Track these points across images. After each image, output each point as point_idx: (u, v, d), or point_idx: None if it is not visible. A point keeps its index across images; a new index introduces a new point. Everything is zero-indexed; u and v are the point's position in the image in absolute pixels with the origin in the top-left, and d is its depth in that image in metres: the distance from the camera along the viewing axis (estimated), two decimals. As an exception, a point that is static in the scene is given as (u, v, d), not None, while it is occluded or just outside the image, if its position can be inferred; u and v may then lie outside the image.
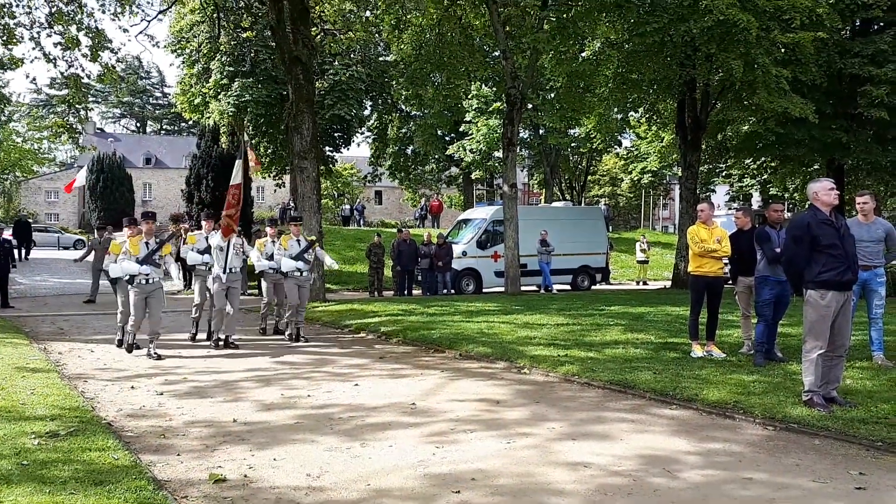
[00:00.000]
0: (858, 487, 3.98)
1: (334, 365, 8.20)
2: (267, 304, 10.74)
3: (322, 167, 24.21)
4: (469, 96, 31.11)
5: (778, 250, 7.06)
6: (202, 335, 9.89)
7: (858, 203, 7.36)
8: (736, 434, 5.15)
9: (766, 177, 27.21)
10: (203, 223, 9.71)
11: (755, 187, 31.33)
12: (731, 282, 8.27)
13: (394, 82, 24.27)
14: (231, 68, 24.36)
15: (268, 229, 10.63)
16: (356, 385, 6.93)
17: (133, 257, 8.33)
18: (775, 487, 4.01)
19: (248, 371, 7.77)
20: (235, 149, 23.32)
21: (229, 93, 24.08)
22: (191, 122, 44.81)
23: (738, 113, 20.45)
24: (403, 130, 34.45)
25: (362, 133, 33.79)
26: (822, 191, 5.68)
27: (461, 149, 34.04)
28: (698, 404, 5.89)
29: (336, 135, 29.30)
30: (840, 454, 4.62)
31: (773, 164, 24.09)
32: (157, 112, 76.92)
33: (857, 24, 19.20)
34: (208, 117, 25.42)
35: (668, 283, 21.73)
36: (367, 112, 31.49)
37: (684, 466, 4.41)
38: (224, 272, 9.18)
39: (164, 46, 26.81)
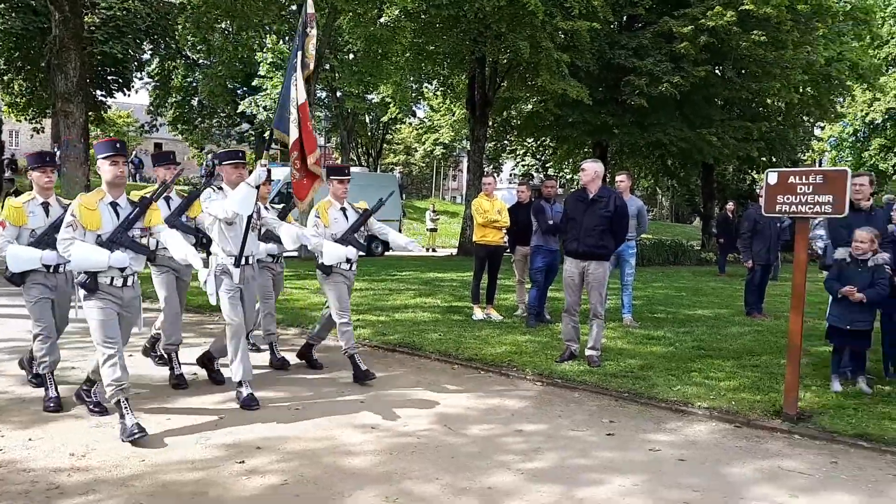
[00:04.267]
0: (609, 434, 4.55)
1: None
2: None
3: (92, 113, 21.68)
4: (264, 49, 29.65)
5: (551, 222, 7.76)
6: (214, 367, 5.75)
7: (616, 182, 8.30)
8: (511, 390, 5.61)
9: (545, 156, 29.53)
10: (162, 171, 5.64)
11: (535, 167, 33.83)
12: (509, 250, 8.91)
13: (178, 25, 22.36)
14: (-25, -11, 20.70)
15: (336, 184, 5.80)
16: (131, 356, 6.40)
17: (90, 234, 4.19)
18: (543, 438, 4.44)
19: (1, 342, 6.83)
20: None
21: (-27, 18, 20.49)
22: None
23: (521, 92, 21.84)
24: (189, 79, 31.92)
25: (141, 78, 30.75)
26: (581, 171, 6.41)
27: (254, 105, 32.44)
28: (478, 363, 6.31)
29: (110, 78, 26.33)
30: (595, 405, 5.24)
31: (551, 144, 26.18)
32: None
33: (625, 19, 21.36)
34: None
35: (455, 251, 22.82)
36: (146, 56, 28.67)
37: (465, 422, 4.71)
38: (237, 264, 5.08)
39: None
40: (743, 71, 20.54)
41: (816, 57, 19.33)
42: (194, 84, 31.83)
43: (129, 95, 28.38)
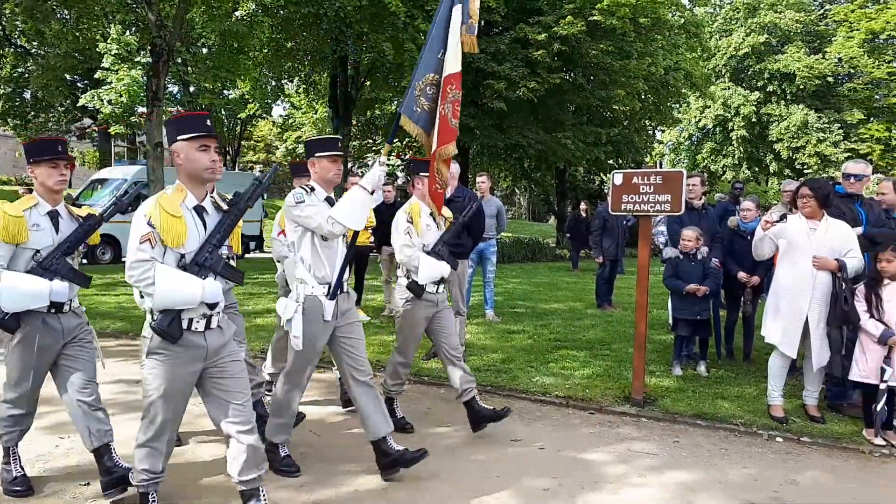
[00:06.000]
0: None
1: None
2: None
3: None
4: (108, 40, 27.59)
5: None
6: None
7: (477, 183, 8.54)
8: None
9: (409, 156, 29.78)
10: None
11: (400, 167, 34.03)
12: (375, 251, 8.90)
13: (6, 10, 20.29)
14: None
15: (426, 182, 4.58)
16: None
17: (170, 252, 2.91)
18: (418, 436, 4.47)
19: None
20: None
21: None
22: None
23: (386, 93, 21.89)
24: (20, 70, 29.05)
25: (-39, 67, 27.60)
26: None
27: (97, 98, 30.09)
28: (345, 366, 6.25)
29: (-79, 65, 23.43)
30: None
31: (416, 144, 26.47)
32: None
33: (483, 23, 22.00)
34: None
35: (320, 251, 22.45)
36: (-33, 42, 25.81)
37: (332, 425, 4.66)
38: (332, 295, 3.73)
39: None
40: (592, 78, 21.81)
41: (656, 67, 20.92)
42: (26, 75, 29.02)
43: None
